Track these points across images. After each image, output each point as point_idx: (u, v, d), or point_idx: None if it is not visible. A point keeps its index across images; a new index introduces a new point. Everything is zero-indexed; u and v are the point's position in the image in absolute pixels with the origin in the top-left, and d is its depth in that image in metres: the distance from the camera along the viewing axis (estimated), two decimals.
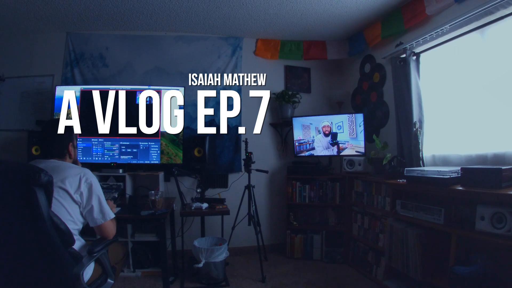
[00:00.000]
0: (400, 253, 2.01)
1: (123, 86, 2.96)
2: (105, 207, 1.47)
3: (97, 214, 1.44)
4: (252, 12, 2.82)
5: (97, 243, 1.40)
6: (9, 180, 1.10)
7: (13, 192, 1.11)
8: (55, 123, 1.54)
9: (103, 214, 1.46)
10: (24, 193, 1.08)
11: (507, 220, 1.42)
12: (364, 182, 2.84)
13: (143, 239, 2.82)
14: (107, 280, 1.39)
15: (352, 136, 3.12)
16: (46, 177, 1.10)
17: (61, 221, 1.22)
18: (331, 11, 2.81)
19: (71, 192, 1.36)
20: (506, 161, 1.83)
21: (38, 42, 3.16)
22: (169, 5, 2.69)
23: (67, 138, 1.54)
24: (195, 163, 2.97)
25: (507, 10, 1.82)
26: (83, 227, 1.48)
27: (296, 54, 3.53)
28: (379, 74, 3.09)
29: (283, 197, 3.37)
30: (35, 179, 1.07)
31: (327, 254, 3.10)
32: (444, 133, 2.35)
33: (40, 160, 1.48)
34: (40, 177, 1.08)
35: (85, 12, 2.78)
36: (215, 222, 3.11)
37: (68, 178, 1.38)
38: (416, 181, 1.99)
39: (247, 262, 3.06)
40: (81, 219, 1.45)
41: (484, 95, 2.02)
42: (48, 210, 1.13)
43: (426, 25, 2.47)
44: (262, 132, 3.47)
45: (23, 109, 3.11)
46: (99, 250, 1.38)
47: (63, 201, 1.34)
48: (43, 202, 1.09)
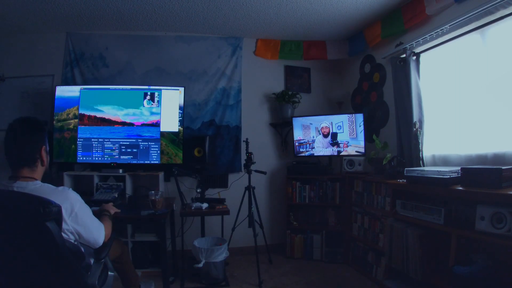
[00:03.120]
0: (400, 253, 2.01)
1: (123, 86, 2.96)
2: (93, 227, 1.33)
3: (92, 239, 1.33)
4: (252, 12, 2.82)
5: (101, 248, 1.39)
6: (20, 213, 1.07)
7: (24, 224, 1.08)
8: (24, 123, 1.28)
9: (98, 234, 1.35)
10: (37, 226, 1.06)
11: (507, 220, 1.42)
12: (364, 182, 2.84)
13: (143, 239, 2.82)
14: (108, 273, 1.43)
15: (352, 136, 3.12)
16: (55, 209, 1.06)
17: (71, 243, 1.20)
18: (331, 11, 2.81)
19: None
20: (506, 161, 1.83)
21: (38, 42, 3.16)
22: (169, 5, 2.69)
23: (39, 141, 1.27)
24: (195, 163, 2.97)
25: (507, 10, 1.82)
26: None
27: (296, 54, 3.53)
28: (379, 74, 3.09)
29: (283, 197, 3.37)
30: (45, 214, 1.03)
31: (327, 254, 3.10)
32: (444, 133, 2.35)
33: (6, 183, 1.21)
34: (51, 211, 1.04)
35: (85, 12, 2.78)
36: (215, 222, 3.11)
37: None
38: (416, 181, 1.99)
39: (247, 262, 3.06)
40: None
41: (484, 95, 2.02)
42: (61, 237, 1.10)
43: (426, 25, 2.47)
44: (262, 132, 3.51)
45: (23, 109, 3.11)
46: (106, 255, 1.39)
47: None
48: (56, 232, 1.07)
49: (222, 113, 3.37)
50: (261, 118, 3.53)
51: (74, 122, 2.87)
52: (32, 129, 1.28)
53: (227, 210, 2.66)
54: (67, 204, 1.22)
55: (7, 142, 1.25)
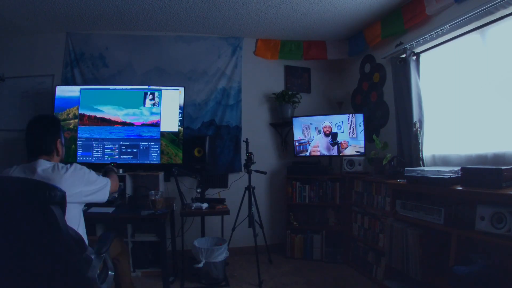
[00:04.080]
0: (400, 253, 2.01)
1: (123, 86, 2.96)
2: (101, 186, 1.54)
3: (100, 196, 1.53)
4: (252, 12, 2.82)
5: (102, 242, 1.40)
6: (25, 198, 1.09)
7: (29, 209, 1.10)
8: (42, 118, 1.50)
9: (104, 190, 1.56)
10: (41, 210, 1.08)
11: (507, 220, 1.42)
12: (364, 182, 2.84)
13: (143, 239, 2.82)
14: (108, 272, 1.42)
15: (352, 136, 3.12)
16: (60, 193, 1.10)
17: (74, 231, 1.22)
18: (331, 11, 2.81)
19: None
20: (506, 161, 1.83)
21: (38, 42, 3.16)
22: (169, 5, 2.69)
23: (55, 134, 1.47)
24: (195, 163, 2.97)
25: (507, 10, 1.82)
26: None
27: (296, 54, 3.53)
28: (379, 74, 3.09)
29: (283, 197, 3.37)
30: (50, 198, 1.06)
31: (327, 254, 3.10)
32: (444, 133, 2.35)
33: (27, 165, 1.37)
34: (56, 195, 1.08)
35: (85, 12, 2.78)
36: (215, 222, 3.11)
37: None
38: (416, 181, 1.99)
39: (247, 262, 3.05)
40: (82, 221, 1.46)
41: (484, 95, 2.02)
42: (65, 223, 1.13)
43: (426, 25, 2.47)
44: (262, 132, 3.51)
45: (23, 109, 3.11)
46: (107, 249, 1.38)
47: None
48: (60, 217, 1.10)
49: (222, 113, 3.37)
50: (261, 118, 3.53)
51: (74, 122, 2.87)
52: (50, 123, 1.49)
53: (227, 210, 2.66)
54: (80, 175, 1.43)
55: (28, 134, 1.44)
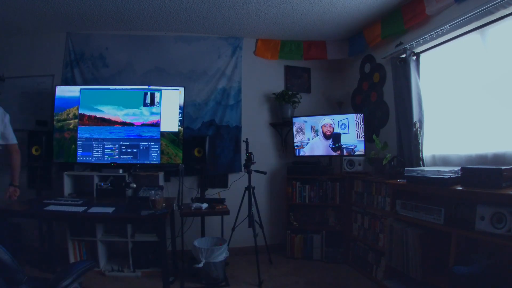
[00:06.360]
0: (400, 253, 2.01)
1: (123, 86, 2.96)
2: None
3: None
4: (252, 12, 2.82)
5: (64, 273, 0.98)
6: None
7: None
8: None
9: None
10: None
11: (507, 220, 1.42)
12: (364, 182, 2.84)
13: (143, 239, 2.82)
14: None
15: (360, 139, 3.06)
16: None
17: (3, 250, 0.93)
18: (331, 11, 2.81)
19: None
20: (506, 161, 1.83)
21: (38, 42, 3.16)
22: (169, 5, 2.69)
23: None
24: (195, 163, 2.97)
25: (507, 10, 1.82)
26: None
27: (296, 54, 3.53)
28: (379, 74, 3.09)
29: (283, 197, 3.37)
30: None
31: (327, 254, 3.10)
32: (444, 133, 2.35)
33: None
34: None
35: (85, 12, 2.78)
36: (215, 222, 3.10)
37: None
38: (416, 181, 1.99)
39: (247, 262, 3.05)
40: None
41: (484, 95, 2.02)
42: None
43: (426, 25, 2.47)
44: (262, 132, 3.51)
45: (23, 109, 3.11)
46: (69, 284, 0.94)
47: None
48: None
49: (222, 113, 3.37)
50: (261, 118, 3.53)
51: (74, 122, 2.87)
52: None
53: (227, 210, 2.66)
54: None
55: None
